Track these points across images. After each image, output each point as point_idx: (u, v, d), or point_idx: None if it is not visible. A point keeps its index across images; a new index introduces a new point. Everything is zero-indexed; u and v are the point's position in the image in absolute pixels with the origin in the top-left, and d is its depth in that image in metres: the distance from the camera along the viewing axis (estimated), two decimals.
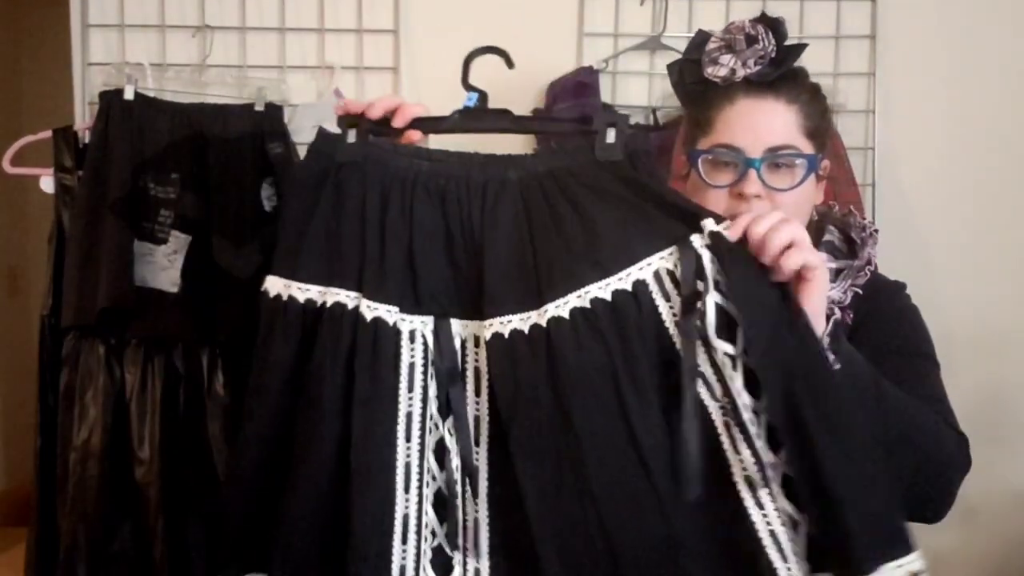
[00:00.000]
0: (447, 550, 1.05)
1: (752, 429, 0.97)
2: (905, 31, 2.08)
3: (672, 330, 1.00)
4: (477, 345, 1.07)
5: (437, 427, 1.07)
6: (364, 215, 1.07)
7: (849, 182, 1.98)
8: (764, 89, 1.19)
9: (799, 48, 1.22)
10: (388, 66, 2.06)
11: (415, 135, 1.11)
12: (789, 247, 0.98)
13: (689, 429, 0.96)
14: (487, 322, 1.04)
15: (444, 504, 1.07)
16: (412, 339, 1.06)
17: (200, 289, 1.84)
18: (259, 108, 1.92)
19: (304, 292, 1.08)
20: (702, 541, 0.98)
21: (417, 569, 1.04)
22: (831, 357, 1.00)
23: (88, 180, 1.86)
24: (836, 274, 1.24)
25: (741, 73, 1.19)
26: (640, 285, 1.01)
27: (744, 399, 0.98)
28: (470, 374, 1.08)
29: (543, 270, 1.03)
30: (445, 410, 1.07)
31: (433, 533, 1.07)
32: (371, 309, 1.05)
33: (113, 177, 1.84)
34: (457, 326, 1.08)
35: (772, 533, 0.96)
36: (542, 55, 2.05)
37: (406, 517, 1.03)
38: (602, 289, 1.01)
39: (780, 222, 0.99)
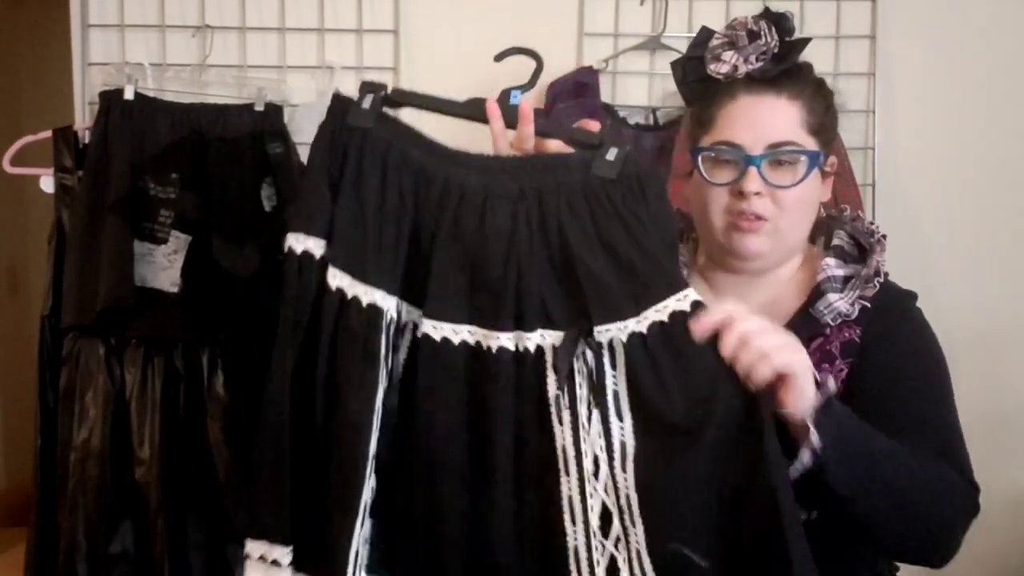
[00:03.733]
0: None
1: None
2: (905, 31, 2.08)
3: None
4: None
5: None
6: (360, 187, 1.06)
7: (849, 182, 1.98)
8: (766, 85, 1.18)
9: (802, 43, 1.20)
10: (388, 66, 2.05)
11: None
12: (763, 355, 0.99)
13: None
14: (432, 321, 1.04)
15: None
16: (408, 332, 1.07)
17: (200, 289, 1.84)
18: (259, 108, 1.92)
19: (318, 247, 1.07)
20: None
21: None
22: (816, 441, 1.01)
23: (88, 180, 1.86)
24: (845, 281, 1.22)
25: (743, 69, 1.18)
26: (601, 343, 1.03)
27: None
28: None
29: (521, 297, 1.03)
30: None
31: None
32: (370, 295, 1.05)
33: (113, 177, 1.84)
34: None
35: None
36: (542, 55, 2.04)
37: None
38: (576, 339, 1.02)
39: (749, 332, 1.00)
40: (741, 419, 1.00)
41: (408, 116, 1.12)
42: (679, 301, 1.01)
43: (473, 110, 1.12)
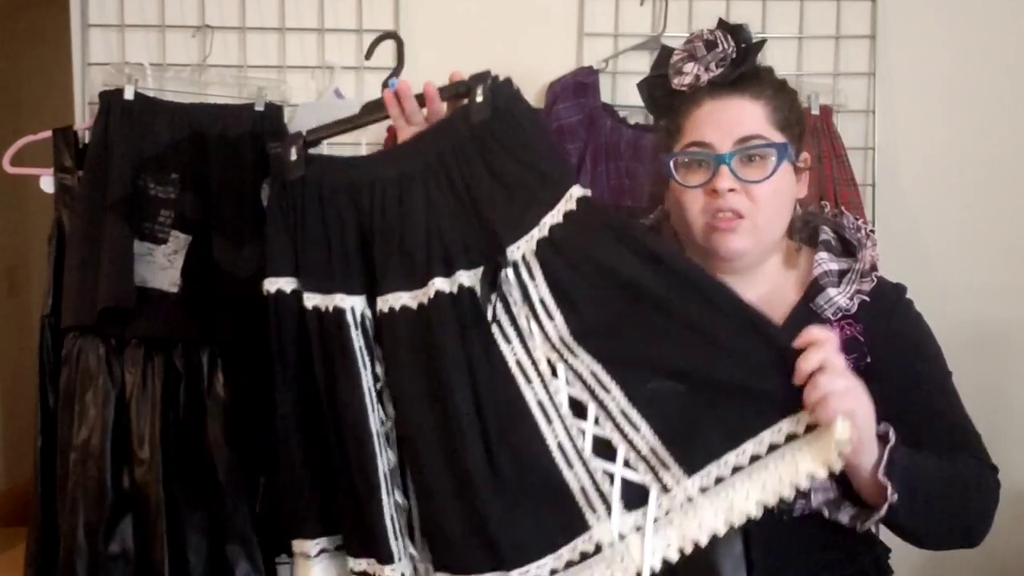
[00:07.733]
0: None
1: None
2: (905, 31, 2.08)
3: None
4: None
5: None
6: (306, 226, 1.25)
7: (849, 182, 1.98)
8: (728, 89, 1.22)
9: (758, 46, 1.25)
10: (388, 66, 2.04)
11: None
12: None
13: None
14: (380, 297, 1.20)
15: None
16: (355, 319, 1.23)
17: (200, 289, 1.84)
18: (259, 108, 1.92)
19: (289, 284, 1.26)
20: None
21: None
22: (888, 486, 1.06)
23: (88, 180, 1.86)
24: (840, 276, 1.24)
25: (705, 77, 1.23)
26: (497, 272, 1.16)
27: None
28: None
29: (433, 253, 1.18)
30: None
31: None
32: (328, 300, 1.22)
33: (113, 177, 1.84)
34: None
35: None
36: (542, 55, 2.05)
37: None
38: (469, 276, 1.17)
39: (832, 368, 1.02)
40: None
41: None
42: (567, 202, 1.16)
43: (372, 112, 1.32)
